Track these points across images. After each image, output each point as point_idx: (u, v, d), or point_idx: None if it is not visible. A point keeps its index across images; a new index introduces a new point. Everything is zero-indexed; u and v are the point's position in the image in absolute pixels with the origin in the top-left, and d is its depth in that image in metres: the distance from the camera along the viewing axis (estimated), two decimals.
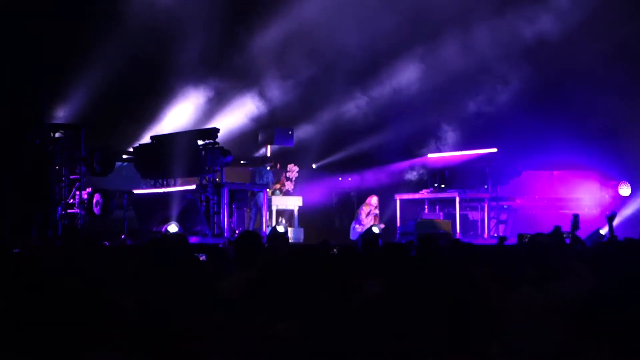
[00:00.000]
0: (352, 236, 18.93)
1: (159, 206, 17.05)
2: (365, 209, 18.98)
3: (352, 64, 21.22)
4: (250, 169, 20.37)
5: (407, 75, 21.41)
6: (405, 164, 21.24)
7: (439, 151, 21.05)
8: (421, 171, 21.06)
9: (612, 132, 19.14)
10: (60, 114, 19.32)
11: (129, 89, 19.93)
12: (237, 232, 17.54)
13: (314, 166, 22.64)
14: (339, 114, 21.96)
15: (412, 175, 21.14)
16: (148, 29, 19.88)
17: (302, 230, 19.40)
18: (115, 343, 4.06)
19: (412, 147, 21.43)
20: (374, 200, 19.04)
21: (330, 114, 22.01)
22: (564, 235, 9.65)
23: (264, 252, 6.51)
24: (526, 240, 11.54)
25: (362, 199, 19.64)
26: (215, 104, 21.45)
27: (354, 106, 21.90)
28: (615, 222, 13.45)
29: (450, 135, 21.04)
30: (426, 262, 6.95)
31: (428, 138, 21.30)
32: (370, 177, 20.76)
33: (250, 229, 18.23)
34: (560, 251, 6.39)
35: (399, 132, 21.05)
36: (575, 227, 10.55)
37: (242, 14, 20.89)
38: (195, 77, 20.96)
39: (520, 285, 5.16)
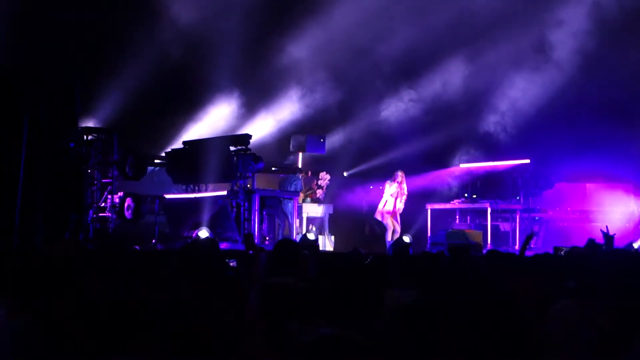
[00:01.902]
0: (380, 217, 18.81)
1: (190, 211, 17.09)
2: (388, 189, 18.67)
3: (384, 73, 21.23)
4: (282, 176, 20.38)
5: (436, 87, 21.36)
6: (437, 173, 21.13)
7: (472, 161, 20.95)
8: (453, 183, 20.97)
9: None
10: (94, 118, 19.45)
11: (163, 93, 20.04)
12: (267, 238, 17.55)
13: (345, 174, 22.60)
14: (371, 122, 21.93)
15: (443, 187, 21.06)
16: (182, 34, 19.99)
17: (332, 237, 19.36)
18: (147, 347, 4.05)
19: (444, 156, 21.33)
20: (398, 178, 18.73)
21: (363, 122, 21.99)
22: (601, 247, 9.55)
23: (302, 260, 6.49)
24: (562, 253, 11.45)
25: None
26: (248, 110, 21.50)
27: (387, 114, 21.85)
28: None
29: (483, 145, 20.97)
30: (459, 272, 6.89)
31: (461, 147, 21.21)
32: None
33: (280, 236, 18.22)
34: (598, 264, 6.31)
35: (431, 142, 20.98)
36: (610, 245, 10.44)
37: (277, 20, 20.92)
38: (228, 83, 21.01)
39: (559, 297, 5.10)
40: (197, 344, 3.99)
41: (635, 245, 14.21)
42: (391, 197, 18.53)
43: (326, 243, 19.00)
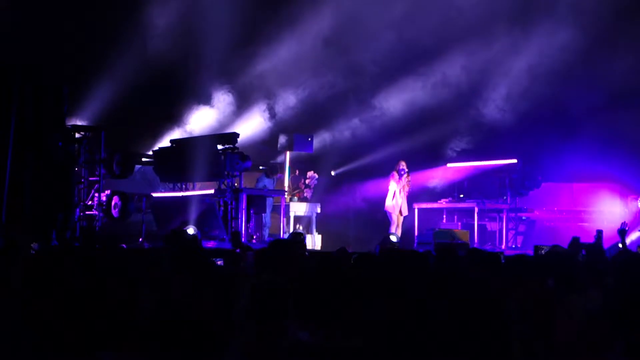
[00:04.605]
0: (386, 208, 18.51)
1: (178, 210, 17.08)
2: (396, 185, 18.36)
3: (372, 72, 21.25)
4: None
5: (425, 85, 21.37)
6: (425, 172, 21.10)
7: (459, 161, 20.96)
8: (439, 183, 21.00)
9: (634, 144, 19.02)
10: (81, 116, 19.41)
11: (151, 91, 20.00)
12: (254, 237, 17.55)
13: (332, 173, 22.59)
14: (359, 121, 21.94)
15: (431, 185, 21.08)
16: (170, 32, 19.97)
17: (319, 236, 19.36)
18: (131, 343, 4.05)
19: (432, 156, 21.33)
20: (400, 165, 18.51)
21: (350, 121, 22.00)
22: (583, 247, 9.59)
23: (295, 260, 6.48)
24: (543, 252, 11.47)
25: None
26: (236, 109, 21.47)
27: (374, 113, 21.87)
28: (633, 237, 13.40)
29: (470, 145, 20.99)
30: (445, 272, 6.91)
31: (448, 147, 21.23)
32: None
33: (265, 234, 18.25)
34: (579, 263, 6.36)
35: (418, 141, 20.98)
36: (599, 243, 10.47)
37: (267, 15, 20.90)
38: (216, 82, 21.00)
39: (541, 295, 5.12)
40: (184, 340, 4.00)
41: (621, 246, 14.23)
42: (400, 190, 18.31)
43: (313, 242, 18.99)
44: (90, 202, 17.38)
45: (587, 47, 19.35)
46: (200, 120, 21.20)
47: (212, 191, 17.24)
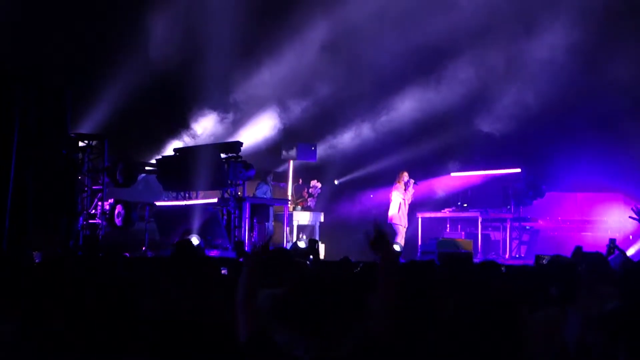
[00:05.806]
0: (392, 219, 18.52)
1: (181, 219, 17.06)
2: (399, 195, 18.37)
3: (376, 81, 21.24)
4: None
5: (428, 94, 21.36)
6: (428, 182, 21.08)
7: (463, 170, 20.96)
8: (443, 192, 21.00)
9: (638, 154, 18.98)
10: (85, 125, 19.42)
11: (154, 100, 20.03)
12: (257, 246, 17.49)
13: (336, 182, 22.57)
14: (362, 131, 21.94)
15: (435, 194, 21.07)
16: (173, 42, 20.00)
17: (322, 246, 19.32)
18: (137, 349, 4.04)
19: (435, 165, 21.32)
20: (405, 176, 18.52)
21: (354, 130, 22.00)
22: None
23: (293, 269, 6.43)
24: (544, 261, 11.44)
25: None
26: (239, 118, 21.49)
27: (377, 122, 21.88)
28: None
29: (474, 154, 20.97)
30: (450, 280, 6.88)
31: (451, 156, 21.23)
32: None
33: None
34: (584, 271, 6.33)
35: (422, 150, 20.97)
36: (611, 252, 10.41)
37: (270, 24, 20.93)
38: (219, 91, 21.01)
39: (543, 305, 5.11)
40: (188, 346, 3.99)
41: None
42: (404, 200, 18.34)
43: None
44: (93, 211, 17.38)
45: (592, 55, 19.35)
46: (203, 129, 21.21)
47: (215, 200, 17.23)
